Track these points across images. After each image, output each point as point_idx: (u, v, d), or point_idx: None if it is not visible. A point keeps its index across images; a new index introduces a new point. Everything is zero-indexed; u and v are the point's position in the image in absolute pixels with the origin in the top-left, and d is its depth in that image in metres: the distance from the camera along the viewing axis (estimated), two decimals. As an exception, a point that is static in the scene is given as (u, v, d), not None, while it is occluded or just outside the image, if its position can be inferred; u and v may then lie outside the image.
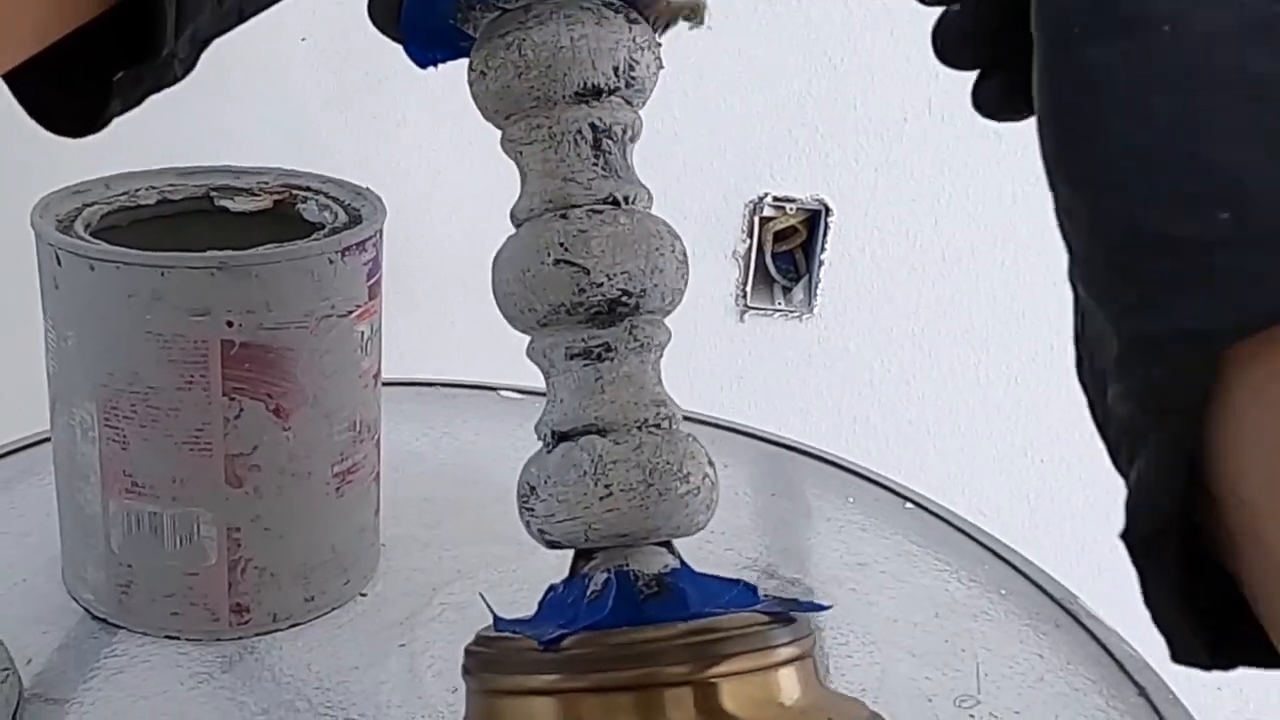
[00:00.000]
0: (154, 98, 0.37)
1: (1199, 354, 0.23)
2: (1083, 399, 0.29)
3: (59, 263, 0.54)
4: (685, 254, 0.43)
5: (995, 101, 0.33)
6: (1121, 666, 0.57)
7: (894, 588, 0.64)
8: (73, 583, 0.60)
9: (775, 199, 1.36)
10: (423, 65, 0.44)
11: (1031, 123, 0.29)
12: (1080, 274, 0.26)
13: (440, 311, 1.39)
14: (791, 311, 1.40)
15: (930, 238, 1.35)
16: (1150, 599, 0.26)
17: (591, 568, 0.41)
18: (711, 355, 1.41)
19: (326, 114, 1.29)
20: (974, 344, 1.37)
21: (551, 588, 0.42)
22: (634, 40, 0.41)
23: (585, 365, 0.41)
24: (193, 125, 1.27)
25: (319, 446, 0.57)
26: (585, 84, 0.41)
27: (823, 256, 1.37)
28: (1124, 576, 0.27)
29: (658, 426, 0.41)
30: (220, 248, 0.53)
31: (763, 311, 1.40)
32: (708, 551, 0.66)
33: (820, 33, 1.30)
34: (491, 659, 0.40)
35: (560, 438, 0.41)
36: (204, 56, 0.37)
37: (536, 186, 0.42)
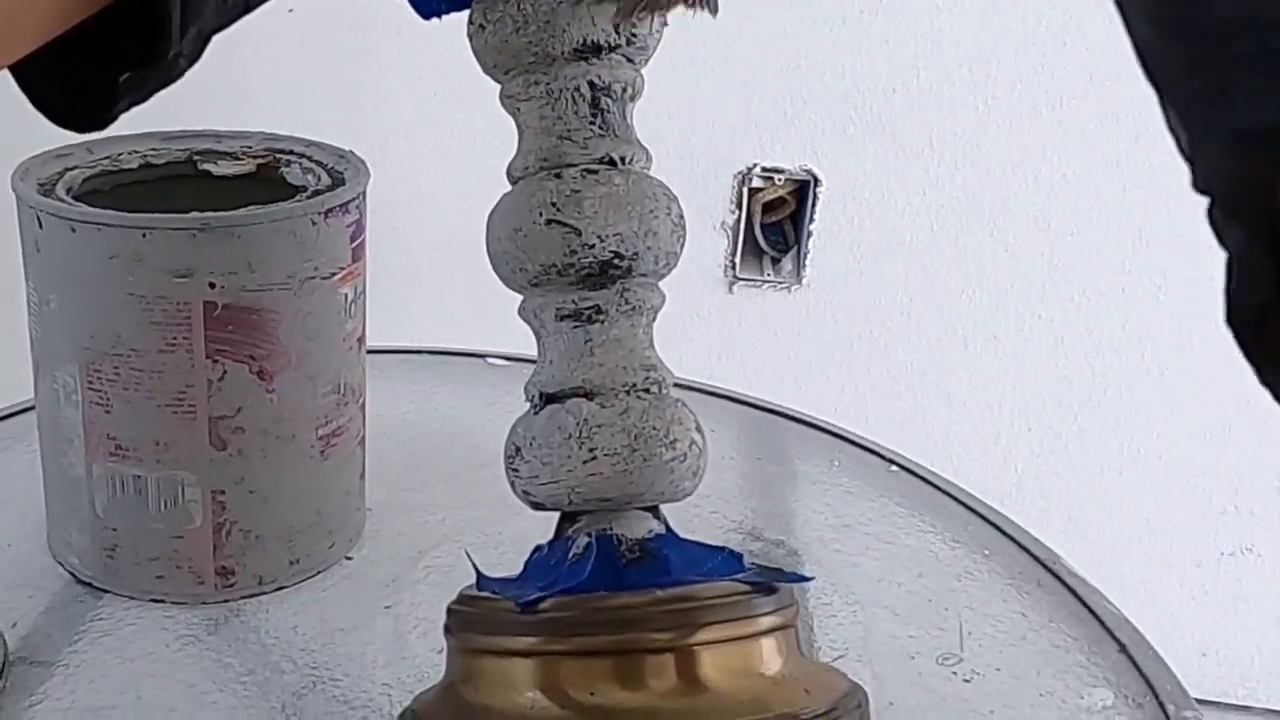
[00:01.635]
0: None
1: (1266, 149, 0.22)
2: (1069, 371, 0.29)
3: (40, 225, 0.54)
4: (682, 216, 0.42)
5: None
6: (1103, 624, 0.58)
7: (878, 549, 0.64)
8: (58, 547, 0.60)
9: (764, 170, 1.36)
10: (426, 16, 0.44)
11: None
12: (1140, 53, 0.26)
13: (428, 278, 1.39)
14: (780, 282, 1.40)
15: (918, 208, 1.35)
16: (1264, 376, 0.25)
17: (575, 530, 0.41)
18: (701, 326, 1.41)
19: (314, 82, 1.29)
20: (961, 314, 1.37)
21: (537, 548, 0.42)
22: None
23: (575, 327, 0.41)
24: (178, 93, 1.26)
25: (303, 409, 0.57)
26: (585, 40, 0.41)
27: (811, 227, 1.37)
28: (1106, 547, 0.27)
29: (646, 391, 0.41)
30: (203, 210, 0.53)
31: (751, 282, 1.40)
32: (694, 514, 0.66)
33: (809, 4, 1.29)
34: (473, 618, 0.41)
35: (548, 399, 0.41)
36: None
37: (532, 144, 0.42)
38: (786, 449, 0.74)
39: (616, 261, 0.41)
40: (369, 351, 0.61)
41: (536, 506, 0.42)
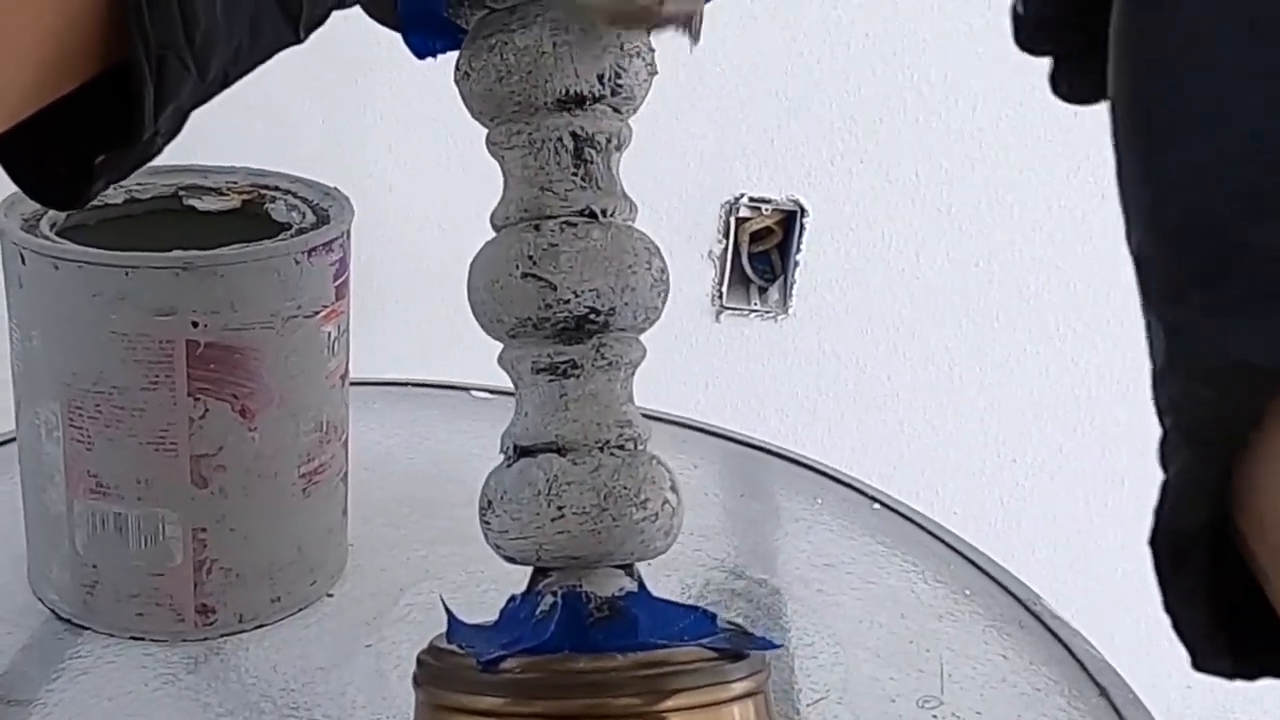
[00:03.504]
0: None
1: (1248, 389, 0.20)
2: (1055, 402, 0.29)
3: (23, 261, 0.54)
4: (664, 270, 0.42)
5: (1077, 84, 0.30)
6: (1083, 667, 0.58)
7: (860, 588, 0.64)
8: (38, 583, 0.60)
9: (751, 199, 1.36)
10: (421, 56, 0.43)
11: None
12: (1136, 259, 0.23)
13: (412, 311, 1.39)
14: (767, 312, 1.40)
15: (905, 239, 1.35)
16: (1171, 606, 0.24)
17: (545, 585, 0.41)
18: (688, 355, 1.41)
19: (301, 113, 1.29)
20: (948, 345, 1.38)
21: (511, 598, 0.42)
22: (621, 47, 0.40)
23: (551, 381, 0.41)
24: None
25: (285, 447, 0.57)
26: (567, 91, 0.40)
27: (798, 257, 1.37)
28: (1092, 578, 0.27)
29: (621, 448, 0.40)
30: (187, 247, 0.53)
31: (738, 311, 1.41)
32: (677, 552, 0.66)
33: (797, 33, 1.30)
34: (440, 672, 0.40)
35: (522, 452, 0.41)
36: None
37: (515, 193, 0.42)
38: (770, 486, 0.75)
39: (593, 317, 0.40)
40: (352, 384, 0.61)
41: (508, 560, 0.42)
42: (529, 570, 0.43)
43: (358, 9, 0.41)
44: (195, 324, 0.53)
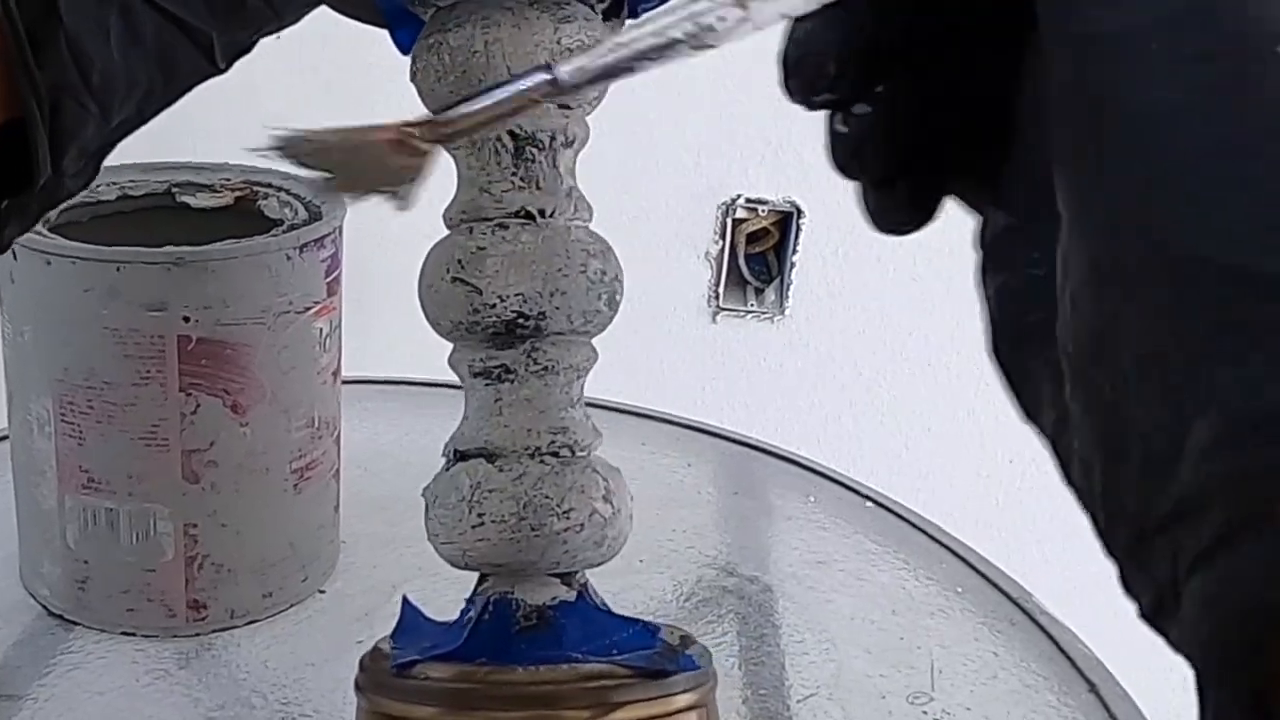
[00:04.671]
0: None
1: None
2: None
3: (15, 257, 0.54)
4: (604, 272, 0.40)
5: (903, 209, 0.29)
6: (1074, 664, 0.58)
7: (852, 586, 0.64)
8: (29, 579, 0.60)
9: (748, 201, 1.37)
10: (406, 52, 0.43)
11: None
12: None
13: (404, 309, 1.38)
14: (764, 313, 1.41)
15: (901, 240, 1.35)
16: None
17: (481, 590, 0.40)
18: (684, 356, 1.41)
19: (294, 110, 1.29)
20: (945, 345, 1.38)
21: (468, 601, 0.41)
22: (559, 42, 0.39)
23: (487, 385, 0.40)
24: (158, 120, 1.27)
25: (277, 443, 0.57)
26: None
27: (794, 258, 1.38)
28: (1089, 569, 0.26)
29: (555, 455, 0.39)
30: (180, 244, 0.53)
31: (735, 313, 1.41)
32: (669, 549, 0.67)
33: (792, 35, 1.30)
34: (376, 679, 0.39)
35: (459, 456, 0.41)
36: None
37: (460, 194, 0.41)
38: (763, 484, 0.75)
39: (521, 321, 0.39)
40: (345, 382, 0.61)
41: (449, 562, 0.42)
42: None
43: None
44: (187, 319, 0.53)
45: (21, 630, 0.58)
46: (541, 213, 0.40)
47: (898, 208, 0.28)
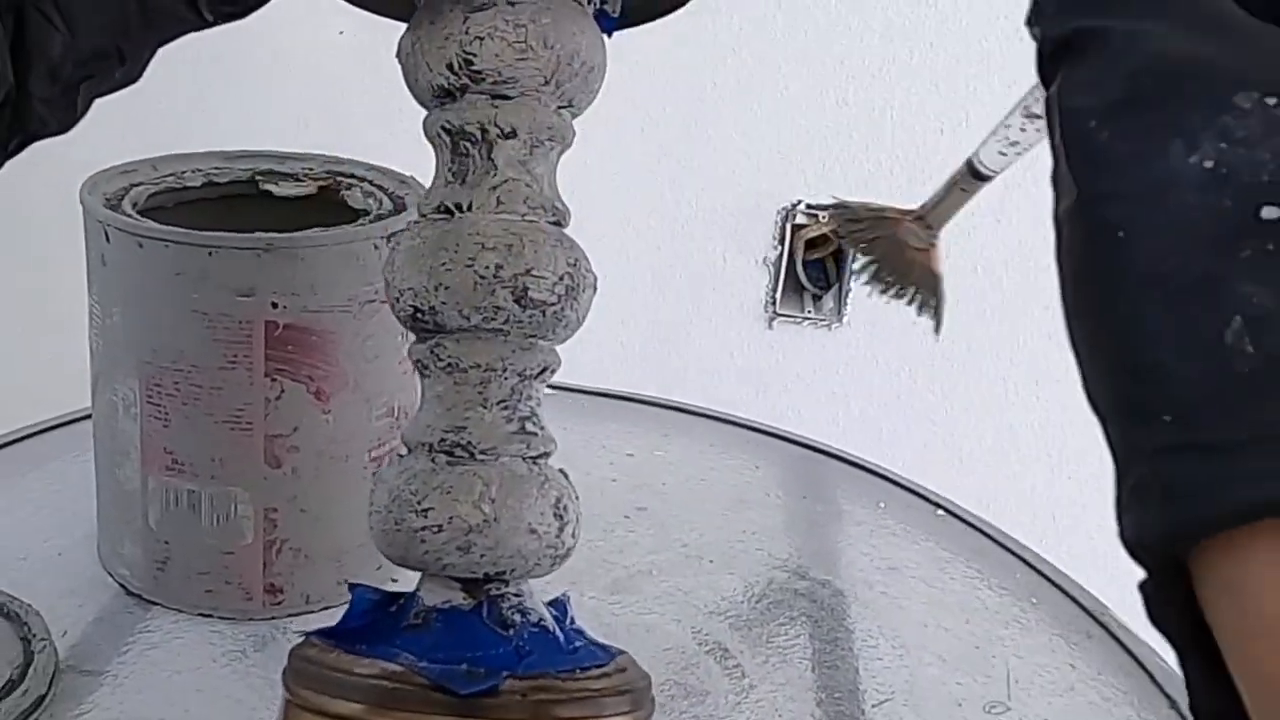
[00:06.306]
0: (194, 88, 0.37)
1: (1161, 559, 0.24)
2: None
3: (107, 239, 0.55)
4: (499, 266, 0.38)
5: None
6: (1153, 678, 0.57)
7: (924, 593, 0.63)
8: (109, 558, 0.60)
9: (808, 207, 1.36)
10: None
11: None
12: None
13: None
14: (821, 320, 1.40)
15: (962, 249, 1.34)
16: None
17: (418, 585, 0.40)
18: (739, 361, 1.41)
19: (363, 106, 1.30)
20: (1002, 357, 1.37)
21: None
22: (467, 31, 0.39)
23: (422, 379, 0.41)
24: (232, 117, 1.28)
25: (358, 430, 0.57)
26: (433, 86, 0.40)
27: (853, 266, 1.37)
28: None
29: (446, 454, 0.38)
30: (264, 230, 0.54)
31: (792, 319, 1.40)
32: (739, 549, 0.66)
33: (858, 41, 1.30)
34: (300, 670, 0.38)
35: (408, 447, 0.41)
36: (241, 48, 0.36)
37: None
38: (832, 488, 0.74)
39: (419, 316, 0.39)
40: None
41: None
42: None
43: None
44: (275, 305, 0.53)
45: (100, 609, 0.58)
46: (459, 207, 0.39)
47: None
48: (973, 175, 0.52)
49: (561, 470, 0.41)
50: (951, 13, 1.28)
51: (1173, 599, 0.24)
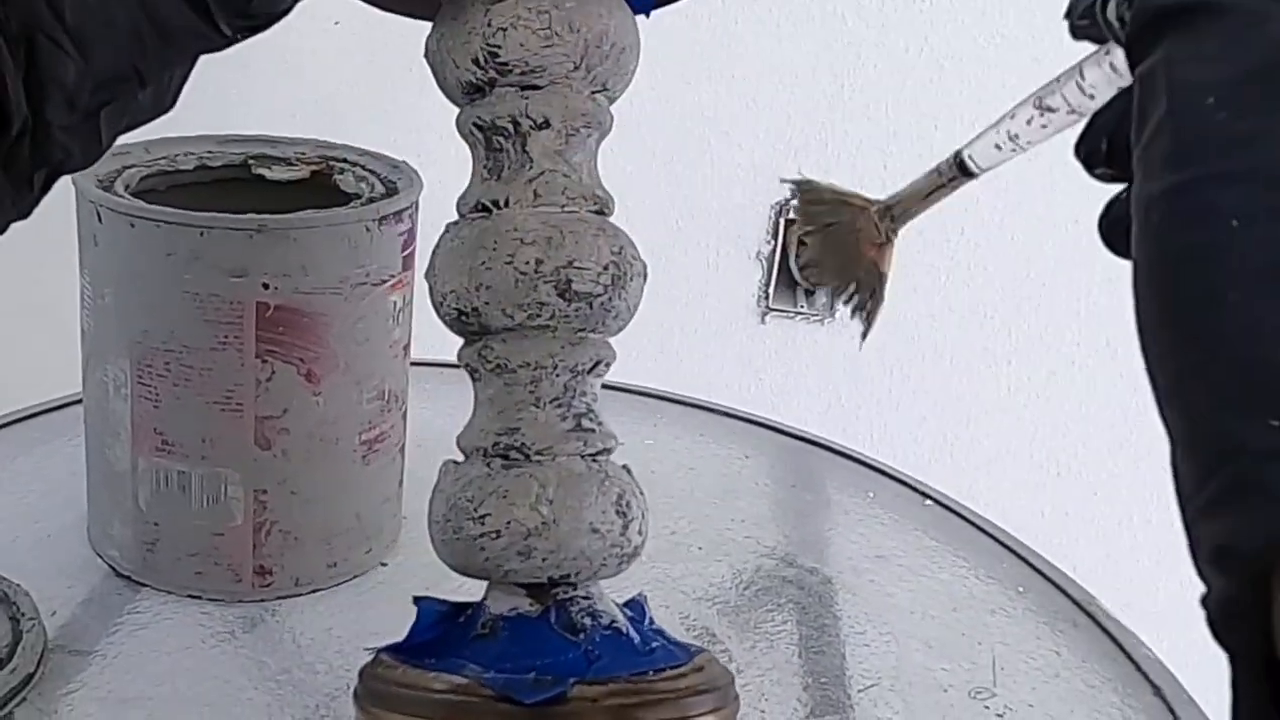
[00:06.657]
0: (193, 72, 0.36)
1: (1251, 566, 0.22)
2: (1101, 411, 0.29)
3: (99, 219, 0.55)
4: (540, 261, 0.37)
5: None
6: (1138, 666, 0.57)
7: (912, 581, 0.64)
8: (98, 539, 0.61)
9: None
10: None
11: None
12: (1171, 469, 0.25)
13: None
14: (814, 315, 1.40)
15: (955, 245, 1.35)
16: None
17: (485, 593, 0.40)
18: (732, 356, 1.41)
19: (359, 96, 1.30)
20: (996, 352, 1.37)
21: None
22: (490, 23, 0.38)
23: (474, 383, 0.41)
24: (225, 102, 1.28)
25: (348, 413, 0.57)
26: (462, 83, 0.39)
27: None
28: (1137, 583, 0.27)
29: (501, 457, 0.38)
30: (257, 214, 0.54)
31: (784, 314, 1.40)
32: (728, 538, 0.67)
33: (851, 35, 1.30)
34: (372, 690, 0.38)
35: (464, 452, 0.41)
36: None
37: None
38: (821, 478, 0.74)
39: (464, 319, 0.39)
40: (411, 363, 0.62)
41: None
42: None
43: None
44: (266, 286, 0.54)
45: (89, 589, 0.58)
46: (496, 204, 0.39)
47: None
48: (959, 170, 0.52)
49: (625, 466, 0.40)
50: (951, 12, 1.28)
51: (1250, 611, 0.22)
